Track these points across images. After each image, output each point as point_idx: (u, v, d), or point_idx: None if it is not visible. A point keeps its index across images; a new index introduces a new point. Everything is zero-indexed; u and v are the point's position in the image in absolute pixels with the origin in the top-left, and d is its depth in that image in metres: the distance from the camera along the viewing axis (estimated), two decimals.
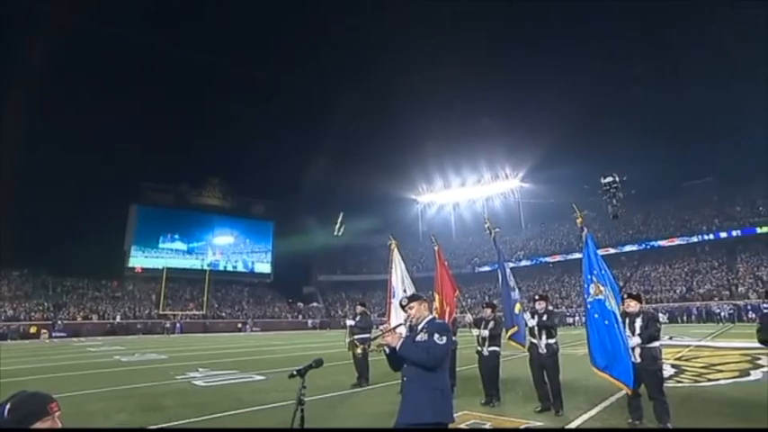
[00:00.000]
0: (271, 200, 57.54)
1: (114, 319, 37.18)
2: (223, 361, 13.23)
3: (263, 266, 55.78)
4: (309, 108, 58.48)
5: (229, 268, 53.24)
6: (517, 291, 6.60)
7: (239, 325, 41.76)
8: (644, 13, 43.96)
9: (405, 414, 2.60)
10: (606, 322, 5.00)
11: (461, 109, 54.34)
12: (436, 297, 7.18)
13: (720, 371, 8.61)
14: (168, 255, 49.47)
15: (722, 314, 28.47)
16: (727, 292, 32.23)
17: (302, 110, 57.46)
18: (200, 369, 10.92)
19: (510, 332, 6.18)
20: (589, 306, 5.22)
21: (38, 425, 1.61)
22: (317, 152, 59.96)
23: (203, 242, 52.64)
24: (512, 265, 6.93)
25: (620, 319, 5.01)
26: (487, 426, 5.03)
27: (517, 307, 6.31)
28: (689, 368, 8.87)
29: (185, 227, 51.19)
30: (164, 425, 5.42)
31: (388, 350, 2.71)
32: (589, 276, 5.30)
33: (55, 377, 10.12)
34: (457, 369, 6.95)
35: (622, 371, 4.78)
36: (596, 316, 5.11)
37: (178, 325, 37.75)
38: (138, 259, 47.33)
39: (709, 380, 7.72)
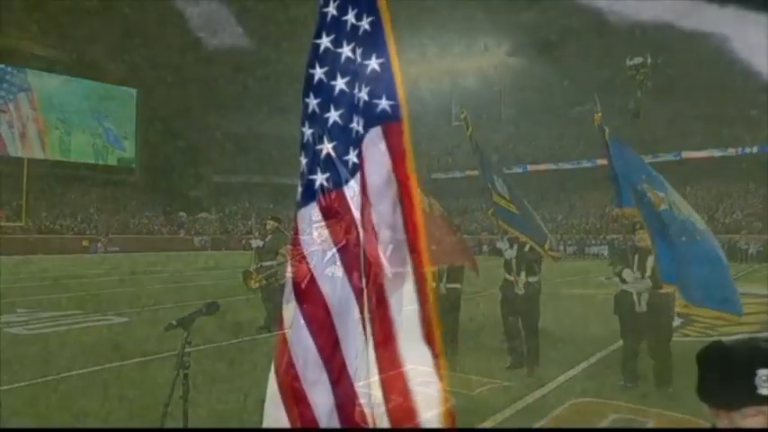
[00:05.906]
0: (138, 58, 53.00)
1: None
2: (58, 297, 12.93)
3: (116, 150, 52.99)
4: None
5: (49, 146, 49.30)
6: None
7: (86, 243, 41.00)
8: None
9: None
10: (683, 239, 5.01)
11: None
12: None
13: (739, 322, 9.62)
14: None
15: (750, 251, 31.35)
16: (759, 224, 34.68)
17: None
18: (18, 310, 10.67)
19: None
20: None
21: None
22: None
23: None
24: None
25: (701, 229, 5.15)
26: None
27: None
28: (699, 318, 9.84)
29: None
30: None
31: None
32: (642, 178, 5.24)
33: None
34: None
35: (725, 298, 5.04)
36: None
37: None
38: None
39: (723, 333, 8.63)
